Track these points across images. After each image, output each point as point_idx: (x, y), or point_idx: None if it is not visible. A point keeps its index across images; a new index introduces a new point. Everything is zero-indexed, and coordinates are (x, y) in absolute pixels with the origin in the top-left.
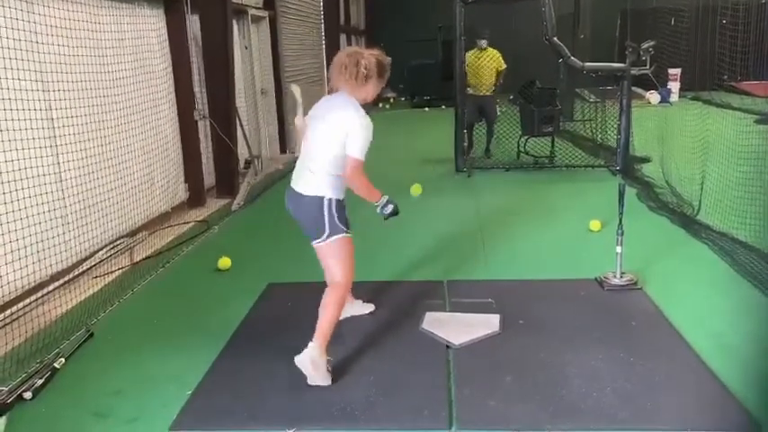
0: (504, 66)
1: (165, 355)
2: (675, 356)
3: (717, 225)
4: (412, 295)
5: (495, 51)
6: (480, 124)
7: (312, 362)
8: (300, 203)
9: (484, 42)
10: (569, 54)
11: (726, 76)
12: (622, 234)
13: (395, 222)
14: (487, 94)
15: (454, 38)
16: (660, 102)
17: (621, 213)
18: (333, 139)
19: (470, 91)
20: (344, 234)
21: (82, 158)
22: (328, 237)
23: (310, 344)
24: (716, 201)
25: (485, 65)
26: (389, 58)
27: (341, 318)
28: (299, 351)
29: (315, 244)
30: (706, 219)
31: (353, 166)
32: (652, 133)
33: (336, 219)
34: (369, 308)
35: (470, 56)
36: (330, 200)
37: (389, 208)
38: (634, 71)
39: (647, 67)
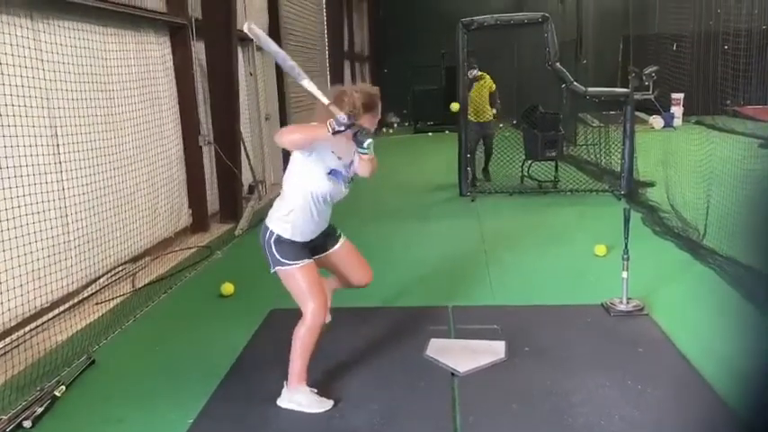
0: (494, 87)
1: (168, 383)
2: (684, 383)
3: (723, 249)
4: (416, 321)
5: (485, 74)
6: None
7: (294, 402)
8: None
9: (475, 72)
10: (572, 79)
11: (729, 101)
12: (628, 259)
13: (399, 246)
14: (488, 120)
15: (457, 64)
16: (663, 126)
17: (627, 238)
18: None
19: (471, 118)
20: (287, 266)
21: (86, 184)
22: (273, 266)
23: (285, 386)
24: (721, 225)
25: (477, 91)
26: (377, 89)
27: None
28: None
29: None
30: (712, 243)
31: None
32: (656, 158)
33: (276, 252)
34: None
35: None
36: (271, 233)
37: (343, 120)
38: (637, 96)
39: (650, 92)
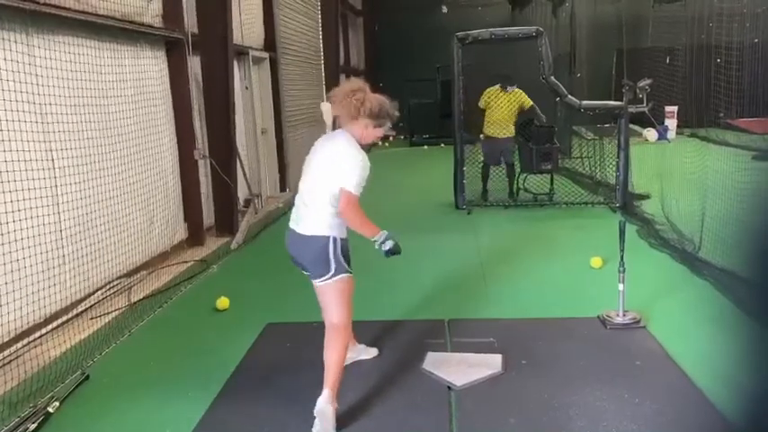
0: (531, 102)
1: (162, 398)
2: (681, 396)
3: (718, 261)
4: (413, 335)
5: (520, 90)
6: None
7: (326, 411)
8: (305, 244)
9: (513, 88)
10: (566, 93)
11: (722, 114)
12: (624, 271)
13: (395, 261)
14: (508, 136)
15: (452, 77)
16: (658, 139)
17: (622, 250)
18: (329, 175)
19: (487, 133)
20: (347, 273)
21: (81, 198)
22: (332, 276)
23: (325, 393)
24: (717, 237)
25: (505, 105)
26: (395, 104)
27: (344, 363)
28: (297, 394)
29: (318, 283)
30: (707, 255)
31: (347, 200)
32: (651, 170)
33: (342, 258)
34: (373, 352)
35: (490, 92)
36: (335, 239)
37: (388, 244)
38: (631, 109)
39: (644, 104)
